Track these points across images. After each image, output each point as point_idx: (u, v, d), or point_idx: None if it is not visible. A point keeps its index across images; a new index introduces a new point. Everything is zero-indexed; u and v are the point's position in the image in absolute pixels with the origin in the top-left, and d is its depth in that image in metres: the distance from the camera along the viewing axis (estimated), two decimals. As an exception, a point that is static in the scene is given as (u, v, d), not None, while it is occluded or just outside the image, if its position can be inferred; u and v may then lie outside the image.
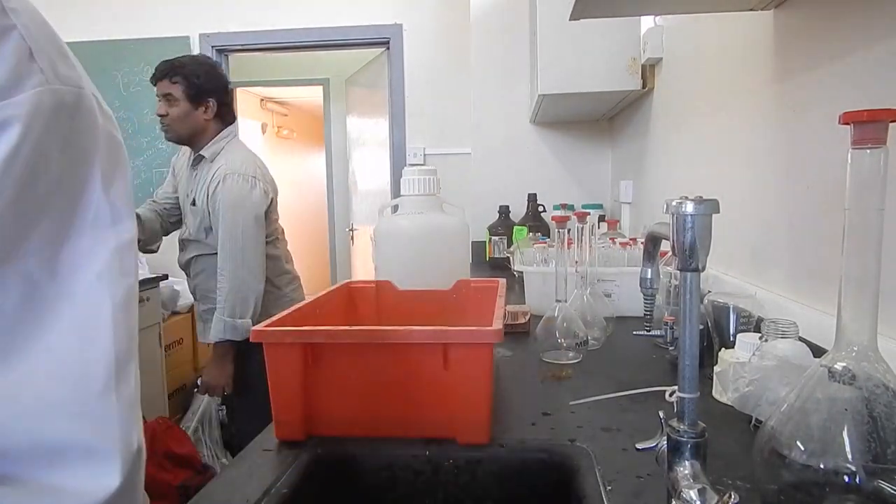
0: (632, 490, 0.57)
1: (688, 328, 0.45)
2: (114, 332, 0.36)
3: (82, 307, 0.35)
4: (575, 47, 1.84)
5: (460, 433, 0.68)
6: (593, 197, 2.54)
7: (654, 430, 0.51)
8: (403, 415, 0.69)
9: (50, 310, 0.34)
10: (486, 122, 2.61)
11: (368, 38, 3.34)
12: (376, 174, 3.76)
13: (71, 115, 0.35)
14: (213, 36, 3.40)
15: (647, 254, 0.92)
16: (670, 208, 0.45)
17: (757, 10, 0.99)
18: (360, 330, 0.70)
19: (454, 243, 1.20)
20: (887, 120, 0.42)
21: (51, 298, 0.34)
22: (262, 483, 0.61)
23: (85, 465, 0.34)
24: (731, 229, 1.17)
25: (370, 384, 0.69)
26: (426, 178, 1.22)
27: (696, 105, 1.45)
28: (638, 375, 0.91)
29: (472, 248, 1.92)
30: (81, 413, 0.35)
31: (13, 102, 0.32)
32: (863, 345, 0.45)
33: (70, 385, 0.34)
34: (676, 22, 1.58)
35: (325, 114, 5.21)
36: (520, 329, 1.19)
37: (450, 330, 0.67)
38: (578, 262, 1.10)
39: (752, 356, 0.72)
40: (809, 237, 0.90)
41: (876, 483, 0.43)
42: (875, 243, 0.43)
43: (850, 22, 0.79)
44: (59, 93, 0.34)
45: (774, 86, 1.01)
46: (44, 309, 0.34)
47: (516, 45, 2.52)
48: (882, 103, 0.46)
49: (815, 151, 0.89)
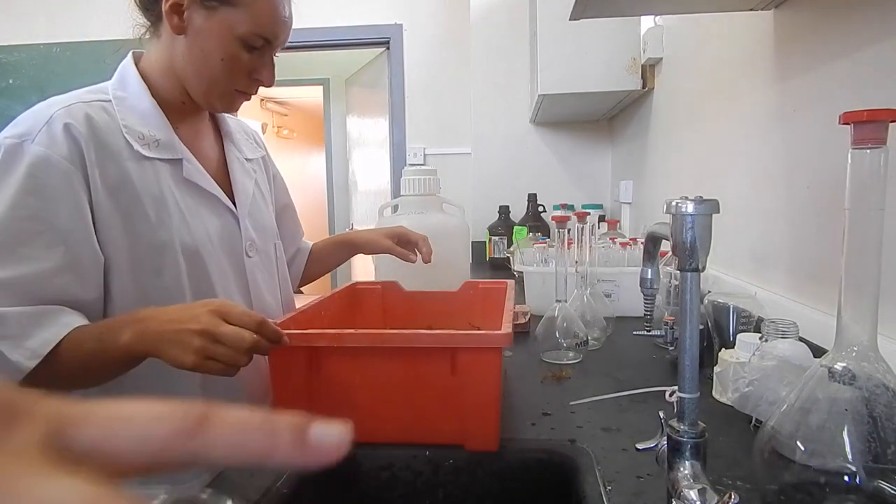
0: (632, 490, 0.57)
1: (688, 328, 0.45)
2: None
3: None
4: (575, 47, 1.84)
5: (468, 440, 0.67)
6: (593, 197, 2.54)
7: (654, 430, 0.51)
8: (410, 421, 0.68)
9: None
10: (486, 122, 2.61)
11: (368, 38, 3.34)
12: (376, 174, 3.76)
13: None
14: (213, 36, 3.40)
15: (647, 254, 0.92)
16: (670, 208, 0.45)
17: (757, 10, 0.99)
18: (365, 333, 0.69)
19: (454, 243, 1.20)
20: (887, 120, 0.42)
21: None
22: (262, 483, 0.61)
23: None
24: (731, 229, 1.17)
25: (376, 389, 0.68)
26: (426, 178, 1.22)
27: (696, 105, 1.45)
28: (638, 375, 0.91)
29: (472, 248, 1.92)
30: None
31: None
32: (863, 345, 0.45)
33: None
34: (676, 22, 1.58)
35: (325, 114, 5.21)
36: (520, 329, 1.19)
37: (458, 334, 0.66)
38: (578, 262, 1.10)
39: (752, 356, 0.72)
40: (809, 237, 0.90)
41: (876, 483, 0.43)
42: (875, 243, 0.44)
43: (849, 22, 0.79)
44: None
45: (774, 86, 1.01)
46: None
47: (516, 45, 2.52)
48: (882, 103, 0.46)
49: (815, 151, 0.89)
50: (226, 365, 0.61)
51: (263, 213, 0.95)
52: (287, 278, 1.03)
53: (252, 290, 0.89)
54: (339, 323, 0.92)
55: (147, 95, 0.81)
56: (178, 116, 0.84)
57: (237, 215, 0.87)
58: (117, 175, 0.74)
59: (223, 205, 0.86)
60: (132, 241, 0.75)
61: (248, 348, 0.60)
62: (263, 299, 0.91)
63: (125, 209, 0.74)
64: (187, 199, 0.81)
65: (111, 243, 0.73)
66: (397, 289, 1.03)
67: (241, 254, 0.88)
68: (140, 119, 0.79)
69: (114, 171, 0.74)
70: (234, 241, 0.87)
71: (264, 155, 1.04)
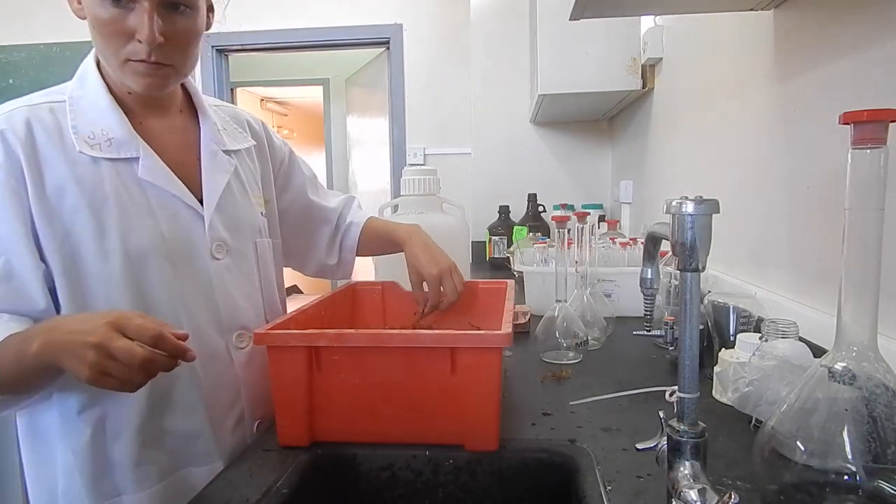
0: (632, 490, 0.57)
1: (688, 328, 0.45)
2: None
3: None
4: (575, 47, 1.84)
5: (468, 440, 0.67)
6: (593, 197, 2.54)
7: (654, 430, 0.51)
8: (410, 421, 0.68)
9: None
10: (486, 122, 2.61)
11: (368, 38, 3.34)
12: (376, 174, 3.76)
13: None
14: (213, 36, 3.40)
15: (647, 254, 0.92)
16: (670, 208, 0.45)
17: (757, 10, 0.99)
18: (366, 333, 0.69)
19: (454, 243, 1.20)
20: (887, 120, 0.42)
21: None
22: (262, 483, 0.61)
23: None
24: (731, 229, 1.17)
25: (376, 389, 0.68)
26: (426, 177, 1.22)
27: (696, 105, 1.45)
28: (638, 375, 0.91)
29: (472, 248, 1.92)
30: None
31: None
32: (863, 345, 0.45)
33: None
34: (676, 22, 1.58)
35: (325, 114, 5.21)
36: (520, 329, 1.19)
37: (458, 334, 0.66)
38: (578, 262, 1.10)
39: (752, 356, 0.72)
40: (809, 237, 0.90)
41: (876, 483, 0.43)
42: (875, 243, 0.44)
43: (849, 22, 0.79)
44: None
45: (774, 86, 1.01)
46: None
47: (516, 45, 2.52)
48: (882, 103, 0.46)
49: (815, 151, 0.89)
50: (120, 381, 0.57)
51: (240, 208, 0.87)
52: (272, 280, 0.94)
53: (219, 294, 0.81)
54: (339, 323, 0.92)
55: (104, 92, 0.77)
56: (144, 110, 0.80)
57: (202, 214, 0.81)
58: (58, 180, 0.72)
59: (184, 203, 0.79)
60: (73, 248, 0.72)
61: (139, 365, 0.56)
62: (235, 305, 0.84)
63: (66, 215, 0.72)
64: (141, 200, 0.76)
65: (55, 251, 0.71)
66: (397, 289, 1.03)
67: (206, 256, 0.81)
68: (96, 117, 0.76)
69: (54, 176, 0.72)
70: (196, 242, 0.80)
71: (255, 144, 0.96)
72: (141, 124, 0.79)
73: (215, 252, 0.82)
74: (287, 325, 0.73)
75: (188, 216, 0.80)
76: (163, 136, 0.82)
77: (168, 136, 0.83)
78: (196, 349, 0.68)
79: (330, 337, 0.67)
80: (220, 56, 3.48)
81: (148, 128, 0.80)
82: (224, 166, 0.86)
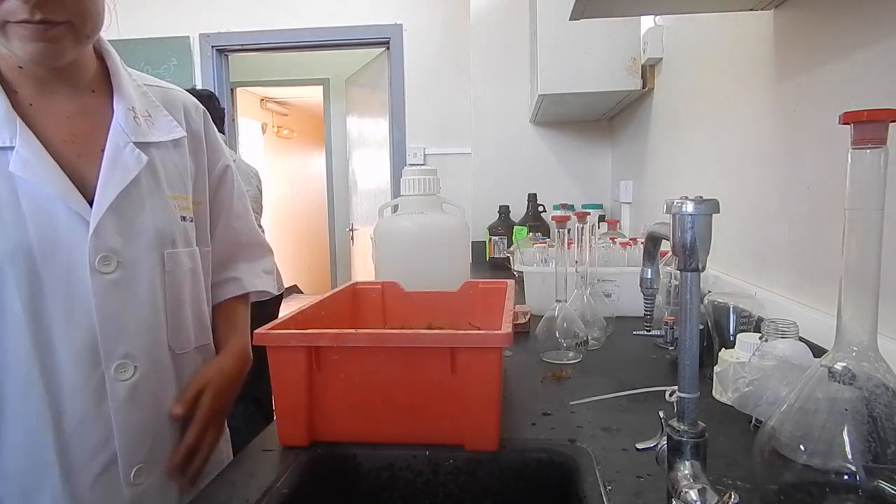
0: (632, 490, 0.57)
1: (688, 328, 0.45)
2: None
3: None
4: (575, 47, 1.84)
5: (468, 440, 0.67)
6: (593, 197, 2.54)
7: (654, 430, 0.51)
8: (410, 421, 0.68)
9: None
10: (486, 122, 2.61)
11: (368, 38, 3.34)
12: (376, 174, 3.76)
13: None
14: (213, 36, 3.40)
15: (647, 254, 0.92)
16: (670, 208, 0.45)
17: (757, 10, 0.99)
18: (366, 333, 0.69)
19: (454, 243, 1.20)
20: (887, 120, 0.42)
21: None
22: (262, 483, 0.61)
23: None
24: (731, 229, 1.17)
25: (376, 389, 0.68)
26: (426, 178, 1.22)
27: (696, 105, 1.45)
28: (638, 375, 0.91)
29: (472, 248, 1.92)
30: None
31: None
32: (863, 345, 0.45)
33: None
34: (676, 22, 1.58)
35: (325, 114, 5.22)
36: (520, 329, 1.19)
37: (458, 334, 0.66)
38: (578, 262, 1.10)
39: (752, 356, 0.72)
40: (809, 237, 0.90)
41: (876, 483, 0.43)
42: (875, 243, 0.43)
43: (850, 22, 0.79)
44: None
45: (774, 86, 1.01)
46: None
47: (516, 45, 2.52)
48: (882, 103, 0.46)
49: (815, 151, 0.89)
50: None
51: (146, 211, 0.72)
52: (199, 297, 0.81)
53: (99, 316, 0.67)
54: (339, 323, 0.92)
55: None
56: (37, 88, 0.69)
57: (87, 219, 0.67)
58: None
59: (65, 205, 0.66)
60: None
61: None
62: (120, 328, 0.69)
63: None
64: (11, 200, 0.64)
65: None
66: (397, 289, 1.03)
67: (85, 269, 0.67)
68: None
69: None
70: (75, 252, 0.67)
71: (185, 136, 0.81)
72: (31, 106, 0.68)
73: (100, 265, 0.68)
74: (287, 325, 0.73)
75: (69, 221, 0.67)
76: (58, 121, 0.69)
77: (65, 122, 0.70)
78: (54, 381, 0.63)
79: (330, 337, 0.67)
80: (220, 56, 3.48)
81: (39, 110, 0.68)
82: (130, 162, 0.71)
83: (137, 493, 0.71)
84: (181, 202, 0.78)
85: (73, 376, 0.67)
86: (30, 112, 0.67)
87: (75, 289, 0.67)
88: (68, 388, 0.67)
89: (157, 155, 0.75)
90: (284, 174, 6.17)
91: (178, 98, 0.83)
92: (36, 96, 0.68)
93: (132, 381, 0.70)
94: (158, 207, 0.74)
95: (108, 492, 0.69)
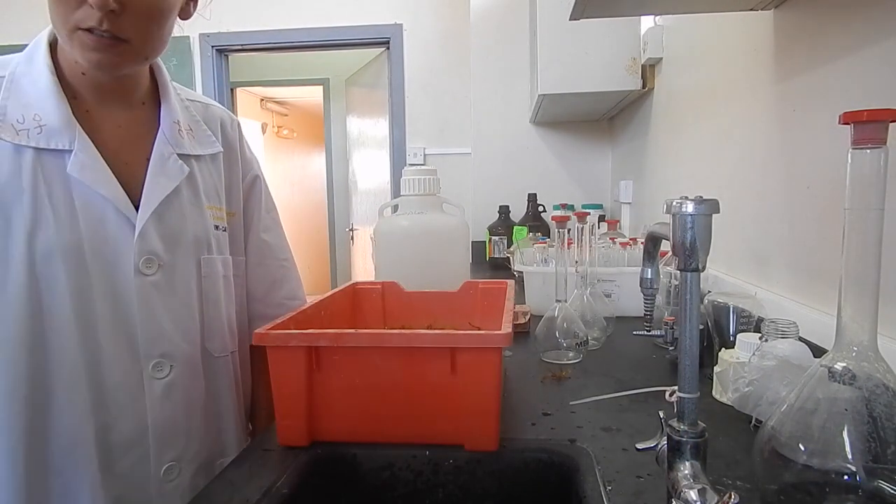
0: (632, 490, 0.57)
1: (688, 328, 0.45)
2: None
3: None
4: (575, 47, 1.84)
5: (468, 440, 0.67)
6: (593, 197, 2.54)
7: (654, 430, 0.51)
8: (410, 421, 0.68)
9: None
10: (486, 122, 2.61)
11: (368, 38, 3.34)
12: (376, 174, 3.76)
13: None
14: (213, 36, 3.40)
15: (647, 254, 0.92)
16: (670, 208, 0.45)
17: (757, 10, 0.99)
18: (365, 333, 0.69)
19: (454, 243, 1.20)
20: (887, 120, 0.42)
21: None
22: (262, 483, 0.61)
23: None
24: (731, 229, 1.17)
25: (376, 389, 0.68)
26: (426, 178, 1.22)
27: (696, 105, 1.45)
28: (638, 375, 0.91)
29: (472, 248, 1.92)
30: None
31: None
32: (863, 345, 0.45)
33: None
34: (676, 22, 1.58)
35: (325, 114, 5.21)
36: (520, 329, 1.19)
37: (458, 334, 0.66)
38: (578, 262, 1.10)
39: (752, 356, 0.72)
40: (809, 237, 0.90)
41: (876, 483, 0.43)
42: (875, 243, 0.43)
43: (850, 22, 0.79)
44: None
45: (774, 86, 1.01)
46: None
47: (516, 45, 2.52)
48: (882, 103, 0.46)
49: (815, 151, 0.89)
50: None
51: (187, 220, 0.77)
52: (218, 301, 0.83)
53: (140, 315, 0.71)
54: (339, 323, 0.92)
55: (48, 72, 0.69)
56: (96, 97, 0.72)
57: (134, 222, 0.71)
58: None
59: (115, 208, 0.70)
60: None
61: None
62: (158, 329, 0.73)
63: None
64: (66, 199, 0.68)
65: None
66: (397, 289, 1.03)
67: (130, 270, 0.71)
68: (32, 100, 0.68)
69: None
70: (121, 253, 0.70)
71: (222, 151, 0.86)
72: (88, 112, 0.72)
73: (143, 267, 0.72)
74: (287, 325, 0.73)
75: (118, 223, 0.71)
76: (112, 129, 0.73)
77: (117, 131, 0.74)
78: (97, 375, 0.64)
79: (330, 337, 0.67)
80: (220, 56, 3.48)
81: (95, 118, 0.72)
82: (174, 172, 0.76)
83: (168, 490, 0.74)
84: (216, 212, 0.83)
85: (114, 372, 0.70)
86: (87, 118, 0.71)
87: (119, 288, 0.71)
88: (110, 383, 0.70)
89: (196, 167, 0.80)
90: (284, 174, 6.17)
91: (216, 114, 0.90)
92: (94, 104, 0.73)
93: (167, 379, 0.74)
94: (196, 215, 0.79)
95: (140, 487, 0.72)
